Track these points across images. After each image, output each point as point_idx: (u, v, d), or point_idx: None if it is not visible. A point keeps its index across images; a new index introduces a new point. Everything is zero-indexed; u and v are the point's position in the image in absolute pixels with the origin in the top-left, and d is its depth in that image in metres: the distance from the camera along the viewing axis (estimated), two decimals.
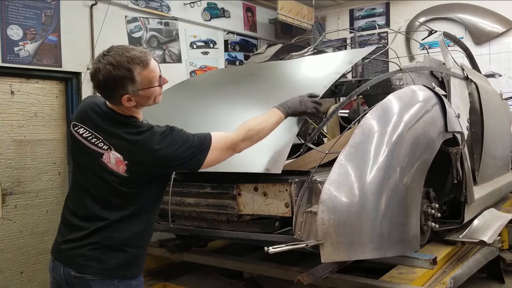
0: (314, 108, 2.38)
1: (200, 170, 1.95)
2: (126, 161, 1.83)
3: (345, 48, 6.89)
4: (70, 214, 1.97)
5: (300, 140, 3.46)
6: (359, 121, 2.53)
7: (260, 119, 2.11)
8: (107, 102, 1.94)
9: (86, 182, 1.93)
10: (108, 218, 1.88)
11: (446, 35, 4.44)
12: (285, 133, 2.42)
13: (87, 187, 1.92)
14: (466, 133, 3.42)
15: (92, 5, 4.76)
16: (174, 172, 2.48)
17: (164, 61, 5.66)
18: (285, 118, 2.23)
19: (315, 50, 4.06)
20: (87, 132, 1.90)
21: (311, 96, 2.43)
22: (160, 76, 1.90)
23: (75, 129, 1.94)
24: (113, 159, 1.85)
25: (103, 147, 1.87)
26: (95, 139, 1.88)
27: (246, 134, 2.02)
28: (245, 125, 2.06)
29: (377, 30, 6.95)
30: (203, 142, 1.91)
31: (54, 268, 1.96)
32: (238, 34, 6.82)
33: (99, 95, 1.95)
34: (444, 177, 3.18)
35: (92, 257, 1.86)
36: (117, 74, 1.77)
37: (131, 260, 1.92)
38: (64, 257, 1.92)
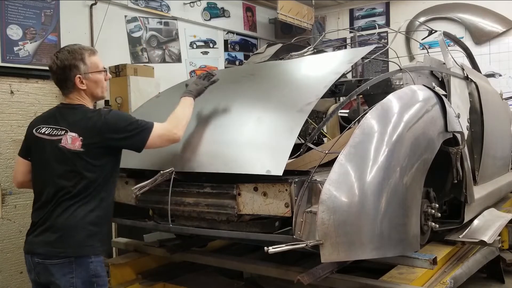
0: (208, 82, 2.73)
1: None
2: (81, 137, 2.13)
3: (345, 48, 6.88)
4: (34, 212, 2.21)
5: (300, 140, 3.46)
6: (359, 121, 2.53)
7: (180, 108, 2.48)
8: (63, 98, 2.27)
9: (47, 173, 2.16)
10: (62, 200, 2.10)
11: (446, 35, 4.44)
12: (286, 135, 2.42)
13: (48, 178, 2.15)
14: (466, 133, 3.42)
15: (92, 5, 4.77)
16: (173, 172, 2.48)
17: (164, 61, 5.66)
18: (194, 100, 2.60)
19: (315, 50, 4.05)
20: (49, 128, 2.21)
21: (201, 76, 2.77)
22: (104, 69, 2.32)
23: (37, 131, 2.23)
24: (69, 139, 2.14)
25: (60, 134, 2.16)
26: (55, 131, 2.18)
27: (175, 121, 2.38)
28: (171, 116, 2.41)
29: (377, 30, 6.97)
30: (146, 123, 2.25)
31: (26, 261, 2.18)
32: (238, 34, 6.82)
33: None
34: (444, 177, 3.18)
35: (49, 242, 2.08)
36: (72, 57, 2.20)
37: (89, 238, 2.11)
38: (30, 247, 2.15)
